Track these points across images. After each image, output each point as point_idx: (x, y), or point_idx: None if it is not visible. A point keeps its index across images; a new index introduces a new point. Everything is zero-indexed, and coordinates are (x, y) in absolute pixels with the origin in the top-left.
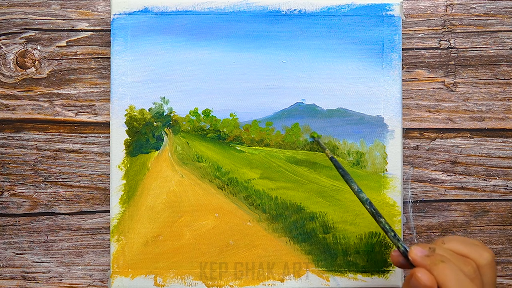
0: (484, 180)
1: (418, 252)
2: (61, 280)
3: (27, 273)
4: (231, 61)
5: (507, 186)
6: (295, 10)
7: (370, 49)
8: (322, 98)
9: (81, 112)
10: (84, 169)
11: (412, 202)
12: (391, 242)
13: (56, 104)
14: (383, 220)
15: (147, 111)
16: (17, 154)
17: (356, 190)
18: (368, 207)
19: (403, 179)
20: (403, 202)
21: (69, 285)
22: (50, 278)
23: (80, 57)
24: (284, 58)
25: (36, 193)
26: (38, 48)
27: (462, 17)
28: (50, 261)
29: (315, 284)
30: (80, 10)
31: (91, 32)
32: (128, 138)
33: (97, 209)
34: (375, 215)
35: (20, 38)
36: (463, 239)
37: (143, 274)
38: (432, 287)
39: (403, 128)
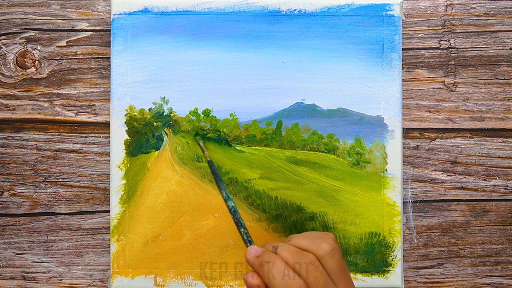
0: (484, 180)
1: (251, 253)
2: (61, 280)
3: (27, 273)
4: (231, 61)
5: (507, 186)
6: (295, 10)
7: (370, 49)
8: (322, 98)
9: (81, 112)
10: (84, 169)
11: (412, 202)
12: (387, 242)
13: (56, 104)
14: (242, 230)
15: (147, 111)
16: (17, 154)
17: (224, 197)
18: (232, 215)
19: (403, 179)
20: (403, 202)
21: (69, 285)
22: (50, 278)
23: (80, 57)
24: (284, 58)
25: (36, 193)
26: (38, 48)
27: (462, 17)
28: (50, 261)
29: None
30: (80, 10)
31: (91, 32)
32: (128, 138)
33: (97, 209)
34: (236, 224)
35: (20, 38)
36: (308, 234)
37: (143, 274)
38: (259, 286)
39: (403, 128)
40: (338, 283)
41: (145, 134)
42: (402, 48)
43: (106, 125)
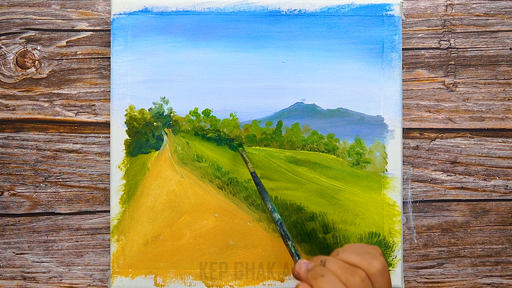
0: (484, 180)
1: (302, 267)
2: (61, 280)
3: (27, 273)
4: (231, 61)
5: (507, 186)
6: (295, 10)
7: (370, 49)
8: (322, 98)
9: (81, 112)
10: (84, 169)
11: (412, 202)
12: (387, 242)
13: (56, 104)
14: (290, 243)
15: (147, 111)
16: (17, 154)
17: (270, 209)
18: (278, 228)
19: (403, 179)
20: (403, 202)
21: (69, 285)
22: (50, 278)
23: (80, 57)
24: (284, 58)
25: (36, 193)
26: (38, 48)
27: (462, 17)
28: (50, 261)
29: None
30: (80, 10)
31: (91, 32)
32: (128, 138)
33: (97, 209)
34: (284, 237)
35: (20, 38)
36: (357, 248)
37: (143, 274)
38: None
39: (403, 128)
40: None
41: (145, 134)
42: (402, 48)
43: (106, 125)
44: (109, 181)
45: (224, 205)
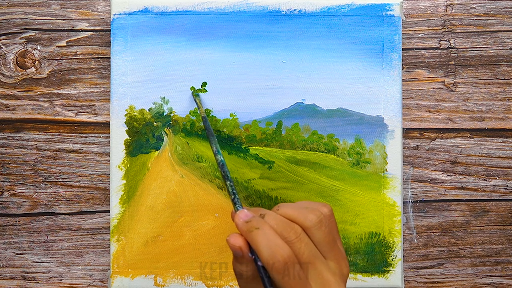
0: (484, 180)
1: (241, 217)
2: (61, 280)
3: (27, 273)
4: (231, 61)
5: (507, 186)
6: (295, 10)
7: (370, 49)
8: (322, 98)
9: (81, 112)
10: (84, 169)
11: (412, 202)
12: (387, 242)
13: (56, 104)
14: (228, 183)
15: (147, 111)
16: (17, 154)
17: (214, 151)
18: (220, 169)
19: (403, 179)
20: (403, 202)
21: (69, 285)
22: (50, 278)
23: (80, 57)
24: (284, 58)
25: (36, 193)
26: (38, 48)
27: (462, 17)
28: (50, 261)
29: None
30: (80, 10)
31: (91, 32)
32: (128, 138)
33: (97, 209)
34: (223, 177)
35: (20, 38)
36: (297, 204)
37: (143, 274)
38: (241, 248)
39: (403, 128)
40: (327, 255)
41: (145, 134)
42: (402, 48)
43: (106, 125)
44: (109, 181)
45: (224, 205)
